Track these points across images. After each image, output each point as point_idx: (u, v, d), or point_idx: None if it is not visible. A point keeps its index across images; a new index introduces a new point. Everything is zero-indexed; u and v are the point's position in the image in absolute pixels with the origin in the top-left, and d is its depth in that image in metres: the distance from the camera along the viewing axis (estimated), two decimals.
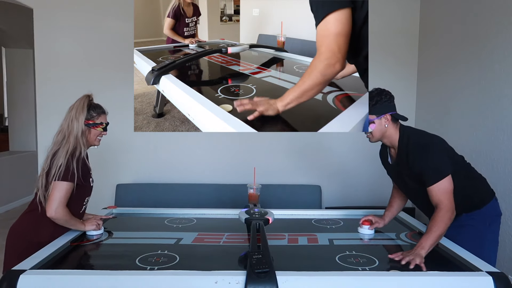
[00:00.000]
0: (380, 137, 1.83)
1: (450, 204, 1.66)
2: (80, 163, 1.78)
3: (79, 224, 1.85)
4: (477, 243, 1.76)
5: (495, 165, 2.58)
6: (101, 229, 1.91)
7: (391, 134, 1.82)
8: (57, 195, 1.72)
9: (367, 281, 1.34)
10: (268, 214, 1.76)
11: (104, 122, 1.93)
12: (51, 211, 1.72)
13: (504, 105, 2.51)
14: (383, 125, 1.79)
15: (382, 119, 1.78)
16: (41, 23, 3.50)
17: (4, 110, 8.09)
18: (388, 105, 1.79)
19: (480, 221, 1.81)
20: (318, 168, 3.69)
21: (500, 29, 2.55)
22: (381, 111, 1.77)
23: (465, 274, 1.39)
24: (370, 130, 1.80)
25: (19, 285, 1.30)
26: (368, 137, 1.86)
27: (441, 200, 1.66)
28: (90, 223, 1.88)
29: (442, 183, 1.67)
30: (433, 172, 1.69)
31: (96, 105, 1.93)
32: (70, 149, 1.77)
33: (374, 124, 1.78)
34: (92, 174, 1.99)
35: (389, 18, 3.62)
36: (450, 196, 1.67)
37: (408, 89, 3.65)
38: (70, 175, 1.73)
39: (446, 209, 1.64)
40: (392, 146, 1.86)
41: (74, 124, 1.81)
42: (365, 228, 1.97)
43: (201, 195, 3.50)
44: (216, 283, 1.30)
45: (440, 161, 1.71)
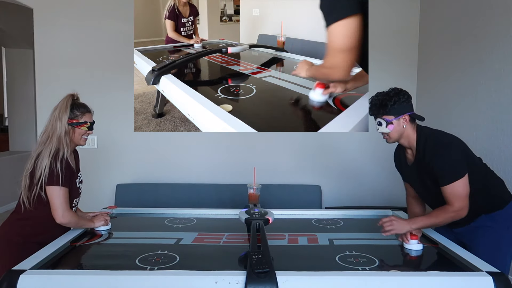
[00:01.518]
0: (398, 138, 1.80)
1: (460, 208, 1.66)
2: (64, 164, 1.76)
3: (88, 223, 1.89)
4: (494, 245, 1.73)
5: (495, 165, 2.58)
6: (109, 224, 1.95)
7: (408, 134, 1.79)
8: (56, 201, 1.74)
9: (367, 281, 1.33)
10: (268, 214, 1.76)
11: (89, 121, 1.89)
12: (59, 218, 1.75)
13: (504, 105, 2.51)
14: (401, 126, 1.76)
15: (400, 119, 1.75)
16: (41, 23, 3.50)
17: (4, 110, 8.09)
18: (406, 105, 1.76)
19: (499, 223, 1.78)
20: (318, 168, 3.68)
21: (500, 29, 2.55)
22: (400, 112, 1.74)
23: (465, 274, 1.39)
24: (388, 131, 1.77)
25: (19, 285, 1.30)
26: (385, 139, 1.82)
27: (452, 202, 1.66)
28: (98, 220, 1.92)
29: (456, 185, 1.66)
30: (448, 172, 1.68)
31: (80, 104, 1.91)
32: (53, 150, 1.76)
33: (392, 124, 1.75)
34: (81, 175, 1.98)
35: (389, 18, 3.62)
36: (463, 200, 1.66)
37: (408, 89, 3.57)
38: (56, 178, 1.73)
39: (454, 210, 1.65)
40: (410, 147, 1.83)
41: (57, 124, 1.80)
42: (413, 242, 1.69)
43: (201, 195, 3.50)
44: (216, 283, 1.30)
45: (456, 161, 1.69)
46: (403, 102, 1.75)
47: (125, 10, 3.51)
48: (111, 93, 3.54)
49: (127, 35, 3.49)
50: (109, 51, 3.54)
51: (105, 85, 3.54)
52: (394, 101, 1.74)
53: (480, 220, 1.78)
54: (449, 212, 1.66)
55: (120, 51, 3.51)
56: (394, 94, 1.76)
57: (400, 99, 1.74)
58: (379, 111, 1.77)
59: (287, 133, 3.49)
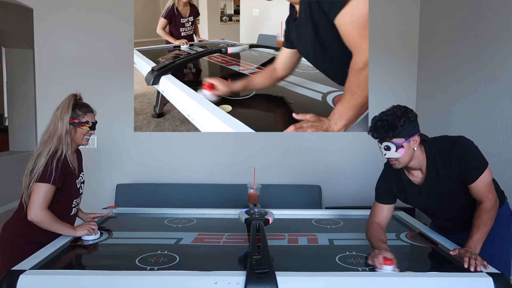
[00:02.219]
0: (408, 162, 1.62)
1: (495, 198, 1.60)
2: (61, 163, 1.75)
3: (67, 229, 1.77)
4: (496, 245, 1.68)
5: (495, 166, 2.58)
6: (97, 234, 1.82)
7: (418, 155, 1.63)
8: (35, 197, 1.70)
9: (367, 282, 1.33)
10: (268, 214, 1.76)
11: (91, 121, 1.88)
12: (31, 214, 1.69)
13: (504, 105, 2.51)
14: (411, 149, 1.58)
15: (410, 141, 1.57)
16: (41, 23, 3.50)
17: (4, 110, 8.09)
18: (416, 124, 1.59)
19: (500, 222, 1.71)
20: (318, 168, 3.68)
21: (500, 29, 2.55)
22: (410, 133, 1.56)
23: (465, 275, 1.39)
24: (399, 156, 1.57)
25: (19, 285, 1.30)
26: (393, 164, 1.64)
27: (486, 196, 1.59)
28: (82, 228, 1.79)
29: (485, 175, 1.59)
30: (476, 164, 1.59)
31: (83, 103, 1.90)
32: (52, 149, 1.75)
33: (403, 148, 1.56)
34: (84, 175, 1.97)
35: (389, 18, 3.62)
36: (493, 189, 1.61)
37: (408, 89, 3.65)
38: (47, 176, 1.70)
39: (492, 204, 1.58)
40: (420, 168, 1.67)
41: (59, 123, 1.79)
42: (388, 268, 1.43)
43: (201, 195, 3.50)
44: (216, 283, 1.30)
45: (477, 152, 1.63)
46: (412, 122, 1.57)
47: (125, 10, 3.51)
48: (111, 93, 3.54)
49: (127, 35, 3.49)
50: (109, 51, 3.54)
51: (105, 85, 3.54)
52: (404, 121, 1.54)
53: None
54: (490, 211, 1.57)
55: (120, 51, 3.51)
56: (402, 113, 1.56)
57: (410, 119, 1.56)
58: (388, 134, 1.56)
59: (287, 133, 3.49)
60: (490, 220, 1.57)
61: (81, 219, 2.10)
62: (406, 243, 1.80)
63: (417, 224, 2.06)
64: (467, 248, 1.50)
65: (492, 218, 1.58)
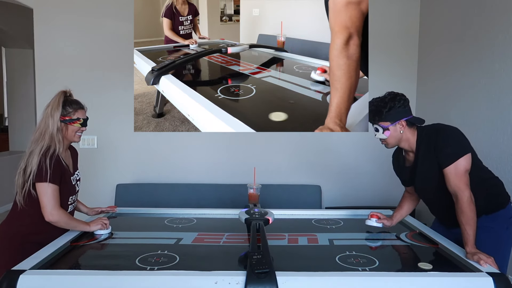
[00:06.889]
0: (397, 143, 1.79)
1: (469, 191, 1.62)
2: (54, 161, 1.74)
3: (82, 225, 1.83)
4: (494, 246, 1.71)
5: (495, 166, 2.58)
6: (109, 228, 1.89)
7: (408, 138, 1.78)
8: (44, 199, 1.71)
9: (367, 282, 1.33)
10: (268, 214, 1.76)
11: (82, 118, 1.87)
12: (48, 216, 1.71)
13: (504, 105, 2.51)
14: (398, 131, 1.75)
15: (397, 125, 1.74)
16: (41, 23, 3.50)
17: (4, 110, 8.09)
18: (403, 110, 1.74)
19: (499, 223, 1.76)
20: (318, 168, 3.68)
21: (500, 29, 2.55)
22: (395, 118, 1.73)
23: (465, 275, 1.39)
24: (385, 137, 1.76)
25: (19, 285, 1.30)
26: (383, 144, 1.82)
27: (458, 186, 1.62)
28: (95, 223, 1.86)
29: (458, 164, 1.63)
30: (450, 151, 1.65)
31: (73, 100, 1.89)
32: (44, 147, 1.75)
33: (388, 131, 1.74)
34: (79, 173, 1.97)
35: (389, 18, 3.62)
36: (466, 181, 1.63)
37: (408, 89, 3.65)
38: (44, 175, 1.71)
39: (467, 196, 1.61)
40: (411, 150, 1.81)
41: (49, 121, 1.78)
42: (373, 220, 1.96)
43: (201, 195, 3.50)
44: (216, 283, 1.30)
45: (457, 140, 1.68)
46: (398, 108, 1.73)
47: (125, 10, 3.51)
48: (111, 93, 3.54)
49: (127, 35, 3.49)
50: (109, 51, 3.54)
51: (105, 85, 3.54)
52: (389, 107, 1.72)
53: (480, 221, 1.77)
54: (470, 204, 1.60)
55: (120, 51, 3.51)
56: (390, 99, 1.74)
57: (396, 105, 1.72)
58: (375, 118, 1.76)
59: (287, 133, 3.49)
60: (473, 213, 1.60)
61: (85, 214, 2.11)
62: (406, 243, 1.80)
63: (417, 224, 2.06)
64: (471, 253, 1.54)
65: (474, 209, 1.61)
